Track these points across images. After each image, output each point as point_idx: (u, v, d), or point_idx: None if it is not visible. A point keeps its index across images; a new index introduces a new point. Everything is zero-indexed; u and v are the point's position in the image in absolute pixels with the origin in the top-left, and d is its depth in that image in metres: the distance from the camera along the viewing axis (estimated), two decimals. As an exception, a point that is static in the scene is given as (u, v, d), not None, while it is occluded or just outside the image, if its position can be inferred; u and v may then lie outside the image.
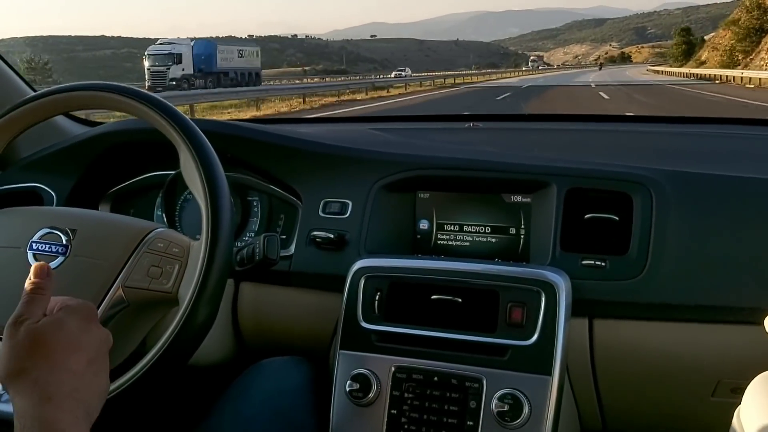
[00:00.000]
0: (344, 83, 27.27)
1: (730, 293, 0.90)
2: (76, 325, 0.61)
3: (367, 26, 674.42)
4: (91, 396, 0.59)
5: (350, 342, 0.97)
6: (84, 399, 0.58)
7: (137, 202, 1.28)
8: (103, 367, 0.62)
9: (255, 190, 1.21)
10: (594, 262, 0.95)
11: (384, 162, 1.10)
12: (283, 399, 1.00)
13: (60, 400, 0.55)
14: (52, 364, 0.57)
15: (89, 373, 0.60)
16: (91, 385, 0.60)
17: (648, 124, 1.65)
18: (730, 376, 0.92)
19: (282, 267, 1.06)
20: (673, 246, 0.93)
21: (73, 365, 0.58)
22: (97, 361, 0.62)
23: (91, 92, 0.85)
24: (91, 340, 0.62)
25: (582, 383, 0.98)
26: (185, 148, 0.80)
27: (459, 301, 0.94)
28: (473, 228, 1.07)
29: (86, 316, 0.63)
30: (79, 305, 0.63)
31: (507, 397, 0.87)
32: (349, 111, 15.77)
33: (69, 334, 0.59)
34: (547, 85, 30.82)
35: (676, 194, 0.95)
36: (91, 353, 0.61)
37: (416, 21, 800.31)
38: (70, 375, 0.57)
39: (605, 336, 0.95)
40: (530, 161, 1.06)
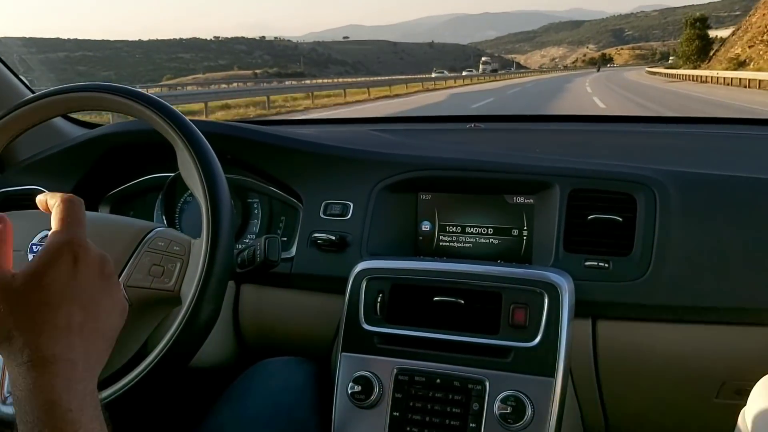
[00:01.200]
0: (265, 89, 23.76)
1: (734, 294, 0.89)
2: (59, 274, 0.52)
3: (344, 29, 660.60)
4: (95, 345, 0.53)
5: (352, 344, 0.96)
6: (83, 354, 0.51)
7: (137, 204, 1.27)
8: (106, 305, 0.55)
9: (255, 192, 1.21)
10: (597, 263, 0.94)
11: (385, 163, 1.09)
12: (285, 398, 1.00)
13: (51, 364, 0.49)
14: (38, 326, 0.50)
15: (88, 320, 0.52)
16: (92, 334, 0.53)
17: (651, 124, 1.62)
18: (734, 378, 0.91)
19: (283, 269, 1.06)
20: (676, 247, 0.92)
21: (63, 321, 0.51)
22: (95, 302, 0.54)
23: (90, 93, 0.84)
24: (81, 284, 0.53)
25: (585, 385, 0.97)
26: (183, 147, 0.79)
27: (461, 302, 0.93)
28: (475, 229, 1.07)
29: (72, 257, 0.53)
30: (59, 246, 0.53)
31: (510, 399, 0.87)
32: (347, 112, 15.22)
33: (52, 287, 0.51)
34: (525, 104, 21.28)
35: (680, 195, 0.95)
36: (83, 298, 0.53)
37: (393, 23, 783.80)
38: (61, 333, 0.50)
39: (609, 337, 0.95)
40: (533, 162, 1.05)
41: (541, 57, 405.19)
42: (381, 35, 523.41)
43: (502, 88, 28.36)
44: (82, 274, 0.53)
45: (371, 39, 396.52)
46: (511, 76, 56.20)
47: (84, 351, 0.51)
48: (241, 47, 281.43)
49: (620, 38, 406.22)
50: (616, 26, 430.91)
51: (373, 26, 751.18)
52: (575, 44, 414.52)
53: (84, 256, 0.54)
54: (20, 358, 0.49)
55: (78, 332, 0.51)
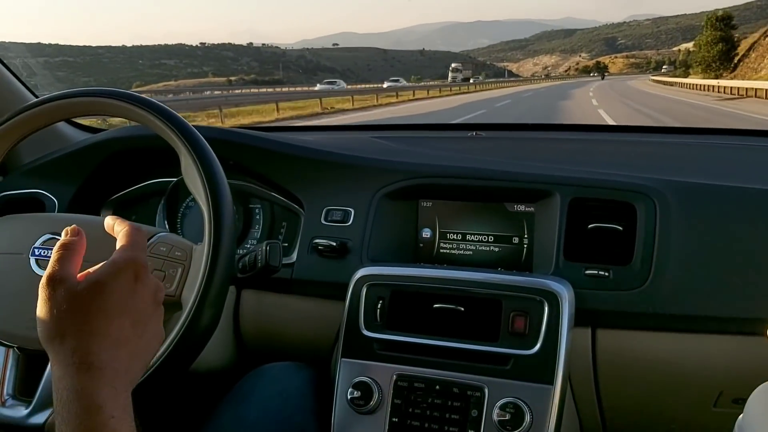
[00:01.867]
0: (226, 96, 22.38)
1: (733, 304, 0.90)
2: (120, 287, 0.56)
3: (336, 36, 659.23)
4: (136, 362, 0.56)
5: (352, 350, 0.97)
6: (126, 367, 0.54)
7: (139, 209, 1.28)
8: (151, 328, 0.58)
9: (257, 198, 1.21)
10: (597, 272, 0.95)
11: (386, 170, 1.10)
12: (284, 403, 1.00)
13: (99, 370, 0.51)
14: (92, 331, 0.52)
15: (134, 337, 0.56)
16: (136, 350, 0.56)
17: (652, 134, 1.63)
18: (732, 387, 0.92)
19: (284, 274, 1.07)
20: (676, 256, 0.93)
21: (115, 332, 0.54)
22: (143, 321, 0.57)
23: (93, 98, 0.85)
24: (138, 301, 0.57)
25: (584, 393, 0.97)
26: (186, 152, 0.80)
27: (461, 309, 0.94)
28: (476, 237, 1.07)
29: (134, 275, 0.57)
30: (124, 263, 0.57)
31: (509, 406, 0.87)
32: (348, 119, 15.25)
33: (111, 297, 0.55)
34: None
35: (680, 205, 0.95)
36: (136, 315, 0.56)
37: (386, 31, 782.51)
38: (111, 342, 0.53)
39: (608, 346, 0.95)
40: (534, 170, 1.05)
41: (534, 65, 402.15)
42: (373, 42, 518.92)
43: (479, 103, 20.84)
44: (139, 293, 0.57)
45: (361, 46, 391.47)
46: (491, 86, 44.72)
47: (127, 365, 0.54)
48: (227, 54, 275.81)
49: (613, 47, 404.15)
50: (609, 35, 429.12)
51: (366, 33, 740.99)
52: (568, 52, 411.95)
53: (144, 277, 0.58)
54: (69, 359, 0.51)
55: (125, 345, 0.54)
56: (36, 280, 0.71)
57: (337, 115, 17.42)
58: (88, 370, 0.51)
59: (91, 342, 0.52)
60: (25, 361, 0.84)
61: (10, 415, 0.77)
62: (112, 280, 0.55)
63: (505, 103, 20.80)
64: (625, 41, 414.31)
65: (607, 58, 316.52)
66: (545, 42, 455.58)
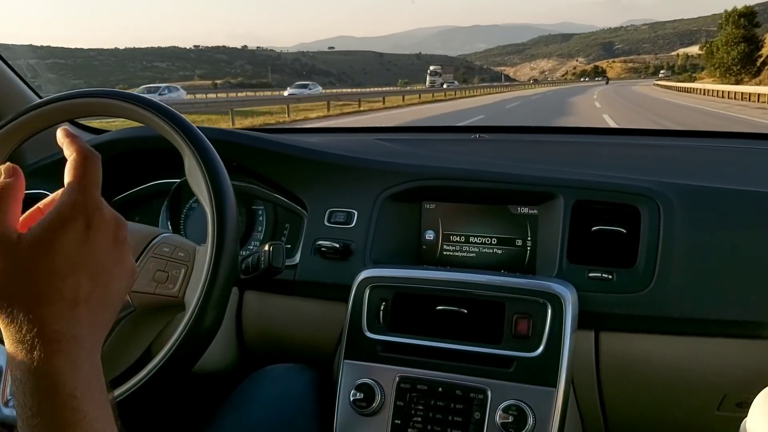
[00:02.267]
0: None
1: (737, 307, 0.90)
2: (69, 240, 0.46)
3: (334, 40, 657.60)
4: (100, 319, 0.48)
5: (355, 351, 0.97)
6: (88, 330, 0.46)
7: (142, 210, 1.28)
8: (118, 272, 0.50)
9: (260, 199, 1.21)
10: (601, 275, 0.94)
11: (390, 172, 1.10)
12: (287, 405, 1.00)
13: (54, 342, 0.44)
14: (41, 296, 0.44)
15: (95, 290, 0.47)
16: (99, 305, 0.48)
17: (656, 137, 1.64)
18: (736, 390, 0.92)
19: (287, 276, 1.07)
20: (680, 259, 0.92)
21: (69, 292, 0.46)
22: (105, 271, 0.49)
23: (97, 99, 0.85)
24: (92, 252, 0.48)
25: (587, 395, 0.97)
26: (190, 154, 0.80)
27: (464, 312, 0.94)
28: (479, 239, 1.07)
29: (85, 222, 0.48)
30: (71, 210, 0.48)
31: (511, 408, 0.87)
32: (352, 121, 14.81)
33: (60, 254, 0.46)
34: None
35: (684, 207, 0.95)
36: (93, 267, 0.48)
37: (384, 35, 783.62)
38: (65, 305, 0.45)
39: (611, 349, 0.95)
40: (537, 173, 1.05)
41: (531, 69, 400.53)
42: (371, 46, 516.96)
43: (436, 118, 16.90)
44: (95, 241, 0.48)
45: (357, 49, 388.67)
46: (477, 92, 39.38)
47: (90, 324, 0.46)
48: (221, 57, 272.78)
49: (610, 51, 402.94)
50: (606, 40, 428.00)
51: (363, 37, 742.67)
52: (565, 57, 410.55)
53: (98, 220, 0.49)
54: (20, 334, 0.43)
55: (84, 304, 0.46)
56: None
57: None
58: (43, 342, 0.43)
59: (43, 309, 0.44)
60: None
61: (12, 416, 0.77)
62: (58, 233, 0.46)
63: (476, 119, 15.38)
64: (622, 46, 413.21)
65: (604, 62, 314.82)
66: (542, 46, 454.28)
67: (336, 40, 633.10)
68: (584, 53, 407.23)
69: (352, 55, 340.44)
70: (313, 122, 15.74)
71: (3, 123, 0.87)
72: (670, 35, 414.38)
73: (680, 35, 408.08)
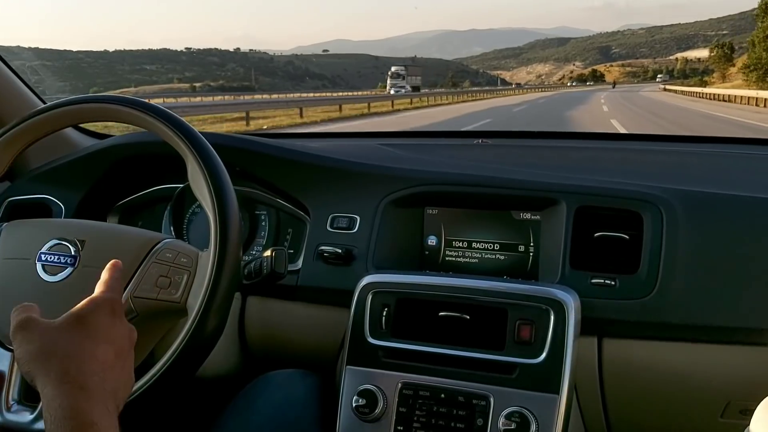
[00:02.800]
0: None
1: (741, 314, 0.90)
2: (100, 319, 0.61)
3: (332, 43, 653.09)
4: (119, 388, 0.59)
5: (357, 357, 0.97)
6: (112, 391, 0.57)
7: (145, 214, 1.28)
8: (129, 362, 0.63)
9: (263, 204, 1.22)
10: (603, 281, 0.94)
11: (392, 177, 1.10)
12: (289, 410, 1.00)
13: (92, 389, 0.54)
14: (80, 353, 0.56)
15: (117, 366, 0.59)
16: (119, 377, 0.59)
17: (659, 143, 1.62)
18: (739, 398, 0.91)
19: (289, 281, 1.07)
20: (683, 266, 0.92)
21: (101, 355, 0.58)
22: (123, 354, 0.61)
23: (100, 104, 0.85)
24: (117, 334, 0.61)
25: (590, 402, 0.97)
26: (193, 159, 0.80)
27: (467, 318, 0.94)
28: (482, 245, 1.07)
29: (111, 310, 0.62)
30: (104, 299, 0.63)
31: (514, 415, 0.87)
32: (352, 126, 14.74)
33: (93, 326, 0.60)
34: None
35: (687, 214, 0.95)
36: (117, 346, 0.60)
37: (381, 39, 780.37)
38: (99, 365, 0.57)
39: (614, 355, 0.95)
40: (540, 178, 1.05)
41: (527, 73, 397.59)
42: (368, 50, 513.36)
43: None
44: (118, 326, 0.62)
45: (352, 53, 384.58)
46: (451, 99, 33.00)
47: (114, 387, 0.58)
48: (213, 59, 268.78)
49: (607, 56, 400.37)
50: (603, 44, 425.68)
51: (360, 41, 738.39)
52: (561, 61, 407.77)
53: (120, 313, 0.64)
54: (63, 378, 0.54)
55: (111, 370, 0.58)
56: (42, 286, 0.77)
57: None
58: (81, 389, 0.54)
59: (81, 363, 0.55)
60: None
61: (15, 420, 0.78)
62: (91, 313, 0.60)
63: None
64: (619, 50, 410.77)
65: (602, 66, 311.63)
66: (539, 50, 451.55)
67: (333, 44, 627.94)
68: (581, 57, 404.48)
69: (347, 58, 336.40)
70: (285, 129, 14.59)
71: (8, 127, 0.88)
72: (668, 39, 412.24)
73: (677, 40, 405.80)
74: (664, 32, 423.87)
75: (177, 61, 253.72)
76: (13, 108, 1.28)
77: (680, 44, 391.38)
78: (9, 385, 0.81)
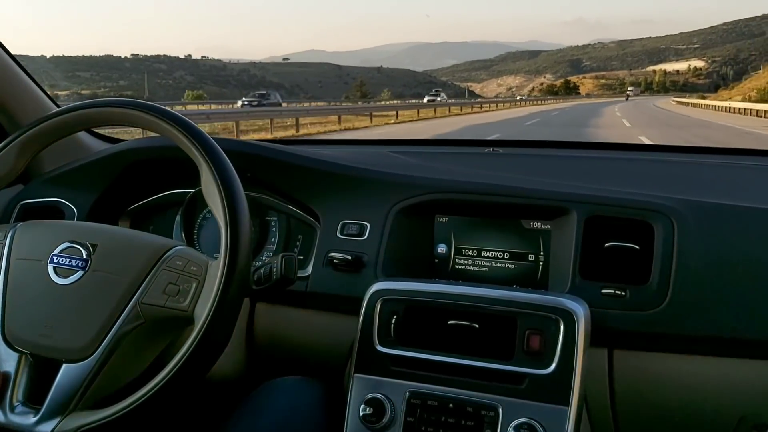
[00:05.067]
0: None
1: (753, 326, 0.88)
2: None
3: (305, 53, 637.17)
4: None
5: (365, 365, 0.96)
6: None
7: (156, 219, 1.29)
8: None
9: (274, 210, 1.22)
10: (614, 291, 0.93)
11: (403, 185, 1.10)
12: (296, 418, 0.99)
13: None
14: None
15: None
16: None
17: (670, 153, 1.62)
18: (753, 413, 0.90)
19: (299, 287, 1.07)
20: (694, 276, 0.91)
21: None
22: None
23: (114, 109, 0.86)
24: None
25: (600, 415, 0.96)
26: (206, 167, 0.80)
27: (476, 326, 0.93)
28: (492, 253, 1.07)
29: None
30: None
31: (523, 426, 0.86)
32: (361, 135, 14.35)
33: None
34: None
35: (698, 224, 0.94)
36: None
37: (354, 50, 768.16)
38: None
39: (625, 367, 0.94)
40: (550, 187, 1.05)
41: (498, 86, 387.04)
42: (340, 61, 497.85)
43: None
44: None
45: (314, 61, 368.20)
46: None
47: None
48: (160, 66, 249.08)
49: (578, 68, 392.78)
50: (574, 57, 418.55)
51: (334, 52, 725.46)
52: (532, 73, 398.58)
53: None
54: None
55: None
56: (52, 288, 0.76)
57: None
58: None
59: None
60: (37, 367, 0.83)
61: (18, 422, 0.78)
62: None
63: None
64: (590, 63, 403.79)
65: (575, 78, 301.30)
66: (510, 63, 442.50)
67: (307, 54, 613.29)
68: (552, 70, 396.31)
69: (308, 67, 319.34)
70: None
71: (23, 130, 0.88)
72: (639, 53, 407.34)
73: (649, 53, 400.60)
74: (635, 45, 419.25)
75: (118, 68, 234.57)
76: (28, 111, 1.29)
77: (651, 57, 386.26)
78: (14, 387, 0.80)
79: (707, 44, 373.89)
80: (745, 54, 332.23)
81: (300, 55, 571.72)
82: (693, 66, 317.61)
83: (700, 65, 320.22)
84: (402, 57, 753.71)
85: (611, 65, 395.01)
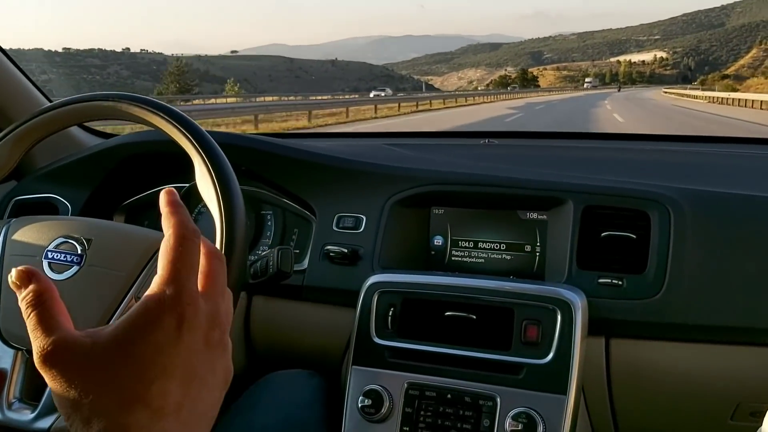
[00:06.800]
0: None
1: (750, 314, 0.89)
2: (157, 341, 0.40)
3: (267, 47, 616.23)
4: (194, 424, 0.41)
5: (363, 357, 0.96)
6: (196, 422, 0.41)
7: (151, 214, 1.28)
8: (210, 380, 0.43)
9: (269, 204, 1.21)
10: (611, 281, 0.94)
11: (398, 177, 1.10)
12: (295, 411, 0.99)
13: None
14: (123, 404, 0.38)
15: (186, 402, 0.41)
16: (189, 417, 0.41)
17: (665, 142, 1.62)
18: (749, 399, 0.90)
19: (295, 281, 1.07)
20: (691, 265, 0.92)
21: (156, 400, 0.39)
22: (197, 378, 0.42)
23: (108, 102, 0.85)
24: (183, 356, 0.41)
25: (598, 403, 0.96)
26: (201, 161, 0.79)
27: (473, 318, 0.93)
28: (488, 245, 1.07)
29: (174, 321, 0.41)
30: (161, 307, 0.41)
31: (521, 416, 0.86)
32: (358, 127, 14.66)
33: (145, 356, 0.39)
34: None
35: (694, 213, 0.94)
36: (184, 372, 0.41)
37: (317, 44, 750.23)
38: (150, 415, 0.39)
39: (622, 356, 0.94)
40: (546, 178, 1.05)
41: (458, 79, 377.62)
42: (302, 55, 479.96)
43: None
44: (186, 341, 0.41)
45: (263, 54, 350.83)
46: None
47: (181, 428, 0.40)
48: (93, 60, 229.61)
49: (539, 60, 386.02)
50: (535, 49, 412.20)
51: (296, 46, 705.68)
52: (493, 66, 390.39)
53: (191, 317, 0.41)
54: None
55: (174, 414, 0.40)
56: None
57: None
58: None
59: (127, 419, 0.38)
60: (33, 364, 0.85)
61: (15, 419, 0.77)
62: (144, 332, 0.40)
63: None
64: (552, 55, 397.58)
65: (535, 69, 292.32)
66: (471, 55, 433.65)
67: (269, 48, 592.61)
68: (513, 62, 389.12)
69: (258, 60, 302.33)
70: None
71: (16, 125, 0.87)
72: (600, 44, 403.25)
73: (610, 44, 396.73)
74: (596, 37, 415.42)
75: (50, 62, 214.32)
76: (20, 106, 1.28)
77: (613, 49, 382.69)
78: (10, 383, 0.80)
79: (668, 35, 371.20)
80: (706, 45, 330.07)
81: (258, 49, 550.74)
82: (659, 56, 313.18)
83: (665, 56, 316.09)
84: (365, 51, 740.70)
85: (572, 57, 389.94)
